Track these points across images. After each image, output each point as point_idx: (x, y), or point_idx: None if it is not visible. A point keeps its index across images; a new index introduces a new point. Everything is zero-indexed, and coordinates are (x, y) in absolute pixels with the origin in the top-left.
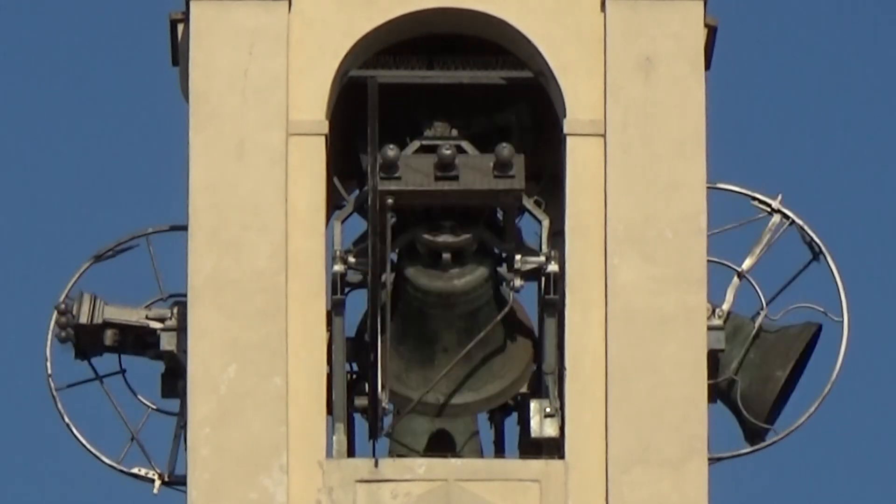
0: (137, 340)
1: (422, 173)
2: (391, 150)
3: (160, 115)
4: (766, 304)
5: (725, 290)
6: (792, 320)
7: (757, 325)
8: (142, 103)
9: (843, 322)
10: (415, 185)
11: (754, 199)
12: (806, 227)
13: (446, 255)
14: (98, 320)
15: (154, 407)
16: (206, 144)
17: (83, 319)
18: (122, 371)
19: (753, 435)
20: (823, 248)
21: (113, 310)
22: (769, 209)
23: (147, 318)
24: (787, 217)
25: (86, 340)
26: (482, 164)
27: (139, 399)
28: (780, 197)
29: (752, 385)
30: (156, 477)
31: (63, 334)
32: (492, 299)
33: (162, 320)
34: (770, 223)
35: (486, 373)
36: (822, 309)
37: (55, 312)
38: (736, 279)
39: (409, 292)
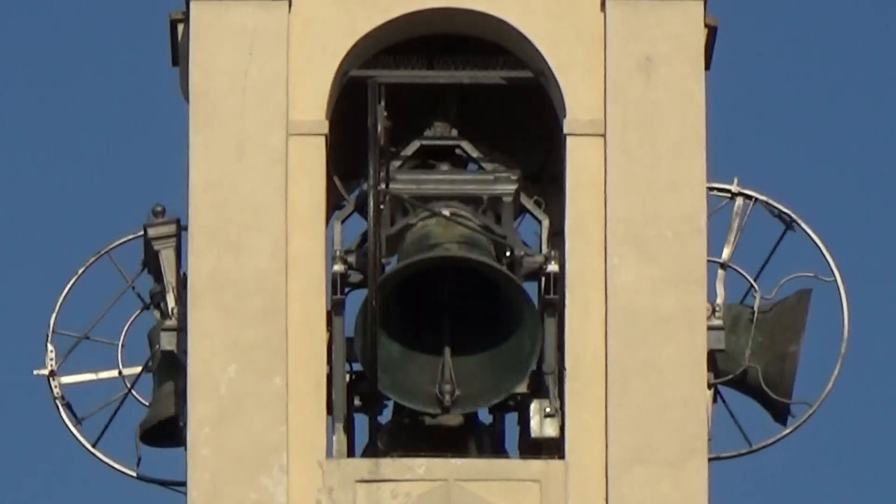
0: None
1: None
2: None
3: (160, 115)
4: (757, 285)
5: (714, 286)
6: (786, 293)
7: (755, 307)
8: (142, 103)
9: (835, 280)
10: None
11: (711, 189)
12: (771, 201)
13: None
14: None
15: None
16: (206, 144)
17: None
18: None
19: (780, 414)
20: (794, 216)
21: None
22: (729, 194)
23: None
24: (749, 197)
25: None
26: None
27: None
28: (736, 180)
29: (770, 366)
30: (49, 375)
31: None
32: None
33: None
34: (735, 207)
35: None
36: (811, 273)
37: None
38: (721, 271)
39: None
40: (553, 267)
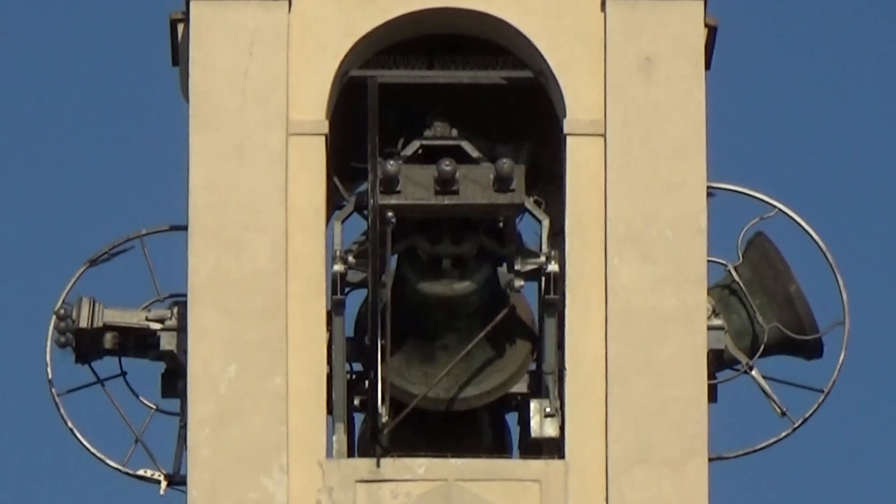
0: (138, 342)
1: (422, 187)
2: (391, 166)
3: (160, 115)
4: (723, 260)
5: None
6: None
7: (735, 278)
8: (142, 103)
9: (777, 209)
10: (415, 199)
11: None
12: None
13: (447, 262)
14: (98, 324)
15: (155, 407)
16: (206, 144)
17: (83, 324)
18: (123, 374)
19: (816, 350)
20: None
21: (112, 313)
22: None
23: (147, 319)
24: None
25: (85, 344)
26: (482, 178)
27: (141, 400)
28: None
29: (784, 315)
30: (162, 478)
31: (62, 339)
32: (492, 299)
33: (162, 321)
34: None
35: (486, 368)
36: (756, 219)
37: (54, 318)
38: None
39: (409, 294)
40: (553, 267)
